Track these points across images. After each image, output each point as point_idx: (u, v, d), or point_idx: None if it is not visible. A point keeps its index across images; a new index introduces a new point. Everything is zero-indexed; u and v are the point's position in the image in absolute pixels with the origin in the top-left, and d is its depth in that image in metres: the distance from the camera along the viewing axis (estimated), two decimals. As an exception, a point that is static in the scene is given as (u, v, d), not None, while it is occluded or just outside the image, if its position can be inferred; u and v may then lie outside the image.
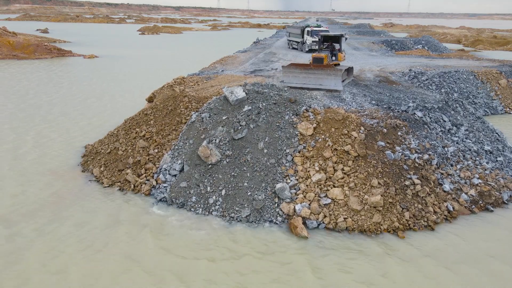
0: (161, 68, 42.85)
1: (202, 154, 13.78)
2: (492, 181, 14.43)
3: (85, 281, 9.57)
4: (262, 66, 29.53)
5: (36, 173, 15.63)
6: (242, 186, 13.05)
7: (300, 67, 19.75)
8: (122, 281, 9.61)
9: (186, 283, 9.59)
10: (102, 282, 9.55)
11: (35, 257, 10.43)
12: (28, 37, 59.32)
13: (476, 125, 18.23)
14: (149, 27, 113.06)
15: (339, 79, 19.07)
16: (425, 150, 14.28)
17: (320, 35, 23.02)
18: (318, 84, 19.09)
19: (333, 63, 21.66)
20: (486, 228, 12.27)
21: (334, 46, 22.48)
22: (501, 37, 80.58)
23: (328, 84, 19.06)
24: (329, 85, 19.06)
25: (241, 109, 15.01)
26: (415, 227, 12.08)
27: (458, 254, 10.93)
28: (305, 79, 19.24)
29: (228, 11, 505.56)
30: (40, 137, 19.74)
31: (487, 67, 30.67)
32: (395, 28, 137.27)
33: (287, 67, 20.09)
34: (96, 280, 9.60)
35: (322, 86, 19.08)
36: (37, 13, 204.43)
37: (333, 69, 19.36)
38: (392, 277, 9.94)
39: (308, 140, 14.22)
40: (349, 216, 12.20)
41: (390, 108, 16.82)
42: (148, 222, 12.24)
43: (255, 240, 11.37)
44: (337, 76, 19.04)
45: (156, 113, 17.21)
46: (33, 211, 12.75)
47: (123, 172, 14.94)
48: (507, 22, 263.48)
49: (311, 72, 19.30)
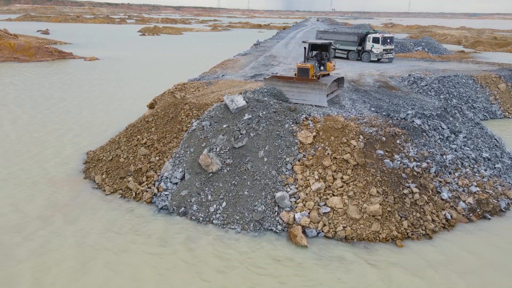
0: (161, 71, 43.03)
1: (203, 163, 13.94)
2: (490, 188, 14.59)
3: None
4: (262, 70, 29.69)
5: (37, 180, 15.78)
6: (242, 195, 13.21)
7: (283, 80, 18.58)
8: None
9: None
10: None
11: (31, 262, 10.60)
12: (29, 39, 59.52)
13: (474, 132, 18.38)
14: (149, 27, 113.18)
15: (323, 94, 17.92)
16: (424, 158, 14.44)
17: (308, 43, 21.49)
18: (302, 99, 18.06)
19: (321, 73, 20.42)
20: (484, 236, 12.42)
21: (322, 55, 21.12)
22: (501, 38, 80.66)
23: (312, 100, 18.00)
24: (313, 100, 18.01)
25: (242, 117, 15.17)
26: (413, 236, 12.23)
27: (457, 263, 11.08)
28: (287, 93, 18.18)
29: (228, 11, 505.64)
30: (40, 142, 19.90)
31: (486, 71, 30.81)
32: (396, 29, 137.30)
33: (269, 79, 18.94)
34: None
35: (306, 101, 18.02)
36: (38, 13, 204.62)
37: (317, 83, 17.99)
38: (391, 286, 10.10)
39: (308, 148, 14.38)
40: (348, 225, 12.36)
41: (389, 116, 16.97)
42: (150, 231, 12.39)
43: (255, 249, 11.52)
44: (322, 91, 17.87)
45: (157, 120, 17.37)
46: (34, 218, 12.91)
47: (125, 180, 15.11)
48: (507, 22, 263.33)
49: (294, 85, 18.19)
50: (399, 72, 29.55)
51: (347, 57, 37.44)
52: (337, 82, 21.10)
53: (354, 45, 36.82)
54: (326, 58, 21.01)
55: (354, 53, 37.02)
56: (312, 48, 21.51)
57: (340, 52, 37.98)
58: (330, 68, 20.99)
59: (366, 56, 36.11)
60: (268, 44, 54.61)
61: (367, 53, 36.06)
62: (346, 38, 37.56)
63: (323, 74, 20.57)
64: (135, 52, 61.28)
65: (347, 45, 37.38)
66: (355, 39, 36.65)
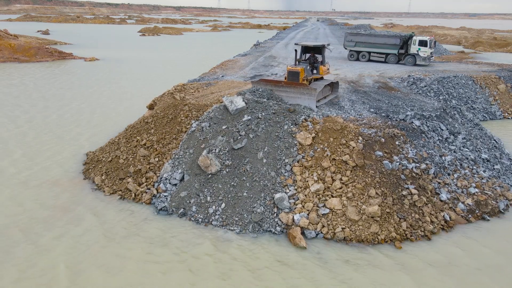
0: (161, 72, 43.05)
1: (202, 164, 13.97)
2: (489, 190, 14.61)
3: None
4: (262, 71, 29.72)
5: (37, 181, 15.81)
6: (241, 196, 13.23)
7: (271, 84, 17.76)
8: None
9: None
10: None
11: (29, 262, 10.62)
12: (29, 40, 59.55)
13: (473, 133, 18.40)
14: (149, 28, 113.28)
15: (313, 99, 16.97)
16: (423, 159, 14.46)
17: (301, 46, 20.57)
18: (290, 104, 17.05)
19: (313, 77, 19.47)
20: (482, 237, 12.43)
21: (316, 58, 20.22)
22: (501, 38, 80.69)
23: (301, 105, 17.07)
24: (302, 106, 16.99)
25: (241, 118, 15.19)
26: (412, 237, 12.25)
27: (456, 264, 11.10)
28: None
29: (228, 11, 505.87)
30: (40, 143, 19.92)
31: (486, 71, 30.83)
32: (396, 29, 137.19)
33: (256, 83, 18.18)
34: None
35: None
36: (38, 13, 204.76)
37: (306, 88, 17.08)
38: (390, 287, 10.13)
39: (307, 150, 14.39)
40: (347, 226, 12.38)
41: (388, 117, 16.99)
42: (149, 232, 12.41)
43: (254, 251, 11.54)
44: (311, 96, 16.94)
45: (157, 122, 17.40)
46: (33, 218, 12.93)
47: (124, 181, 15.13)
48: (507, 22, 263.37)
49: (283, 90, 17.39)
50: (399, 73, 29.57)
51: (385, 60, 36.07)
52: (331, 87, 20.36)
53: (395, 48, 35.25)
54: (319, 61, 20.21)
55: (394, 56, 35.54)
56: (306, 50, 20.64)
57: (376, 56, 36.60)
58: (323, 72, 20.12)
59: (411, 60, 34.65)
60: (268, 44, 54.63)
61: (411, 56, 34.63)
62: (385, 40, 35.73)
63: (316, 78, 19.74)
64: (135, 52, 61.32)
65: (386, 48, 35.69)
66: (397, 42, 35.02)
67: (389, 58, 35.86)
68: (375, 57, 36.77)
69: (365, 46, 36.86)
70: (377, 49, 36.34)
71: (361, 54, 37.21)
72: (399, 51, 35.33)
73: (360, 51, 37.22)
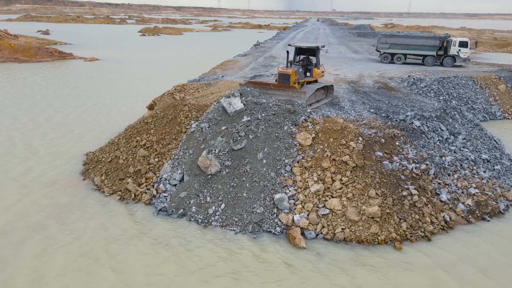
0: (161, 72, 43.06)
1: (202, 165, 13.95)
2: (489, 190, 14.59)
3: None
4: (262, 71, 29.70)
5: (37, 181, 15.79)
6: (241, 197, 13.22)
7: (260, 86, 17.22)
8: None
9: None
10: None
11: (29, 262, 10.61)
12: (29, 40, 59.56)
13: (474, 133, 18.38)
14: (149, 28, 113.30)
15: (302, 103, 16.52)
16: (423, 160, 14.44)
17: (295, 47, 19.92)
18: None
19: (306, 80, 18.76)
20: (483, 238, 12.41)
21: (310, 60, 19.54)
22: (501, 39, 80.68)
23: None
24: None
25: (240, 119, 15.17)
26: (412, 238, 12.23)
27: (456, 265, 11.07)
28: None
29: (228, 11, 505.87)
30: (40, 143, 19.91)
31: (486, 72, 30.81)
32: (396, 29, 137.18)
33: (245, 84, 17.74)
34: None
35: None
36: (38, 13, 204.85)
37: (296, 92, 16.53)
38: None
39: (307, 150, 14.38)
40: (347, 227, 12.36)
41: (388, 117, 16.97)
42: (149, 232, 12.40)
43: (254, 251, 11.52)
44: (301, 100, 16.52)
45: (157, 122, 17.38)
46: (33, 219, 12.92)
47: (124, 181, 15.11)
48: (507, 22, 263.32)
49: (271, 93, 16.92)
50: (399, 73, 29.56)
51: (423, 62, 35.41)
52: (325, 90, 19.84)
53: (433, 50, 34.72)
54: (313, 63, 19.61)
55: (432, 58, 34.95)
56: (299, 52, 20.00)
57: (413, 58, 36.06)
58: (317, 75, 19.42)
59: (450, 61, 34.31)
60: (268, 44, 54.64)
61: (450, 57, 34.29)
62: (423, 42, 35.16)
63: (309, 81, 19.02)
64: (135, 52, 61.32)
65: (423, 49, 35.06)
66: (437, 43, 34.61)
67: (427, 59, 34.99)
68: (411, 59, 36.05)
69: (401, 48, 35.87)
70: (414, 51, 35.51)
71: (396, 57, 36.26)
72: (437, 53, 34.69)
73: (395, 53, 36.24)
